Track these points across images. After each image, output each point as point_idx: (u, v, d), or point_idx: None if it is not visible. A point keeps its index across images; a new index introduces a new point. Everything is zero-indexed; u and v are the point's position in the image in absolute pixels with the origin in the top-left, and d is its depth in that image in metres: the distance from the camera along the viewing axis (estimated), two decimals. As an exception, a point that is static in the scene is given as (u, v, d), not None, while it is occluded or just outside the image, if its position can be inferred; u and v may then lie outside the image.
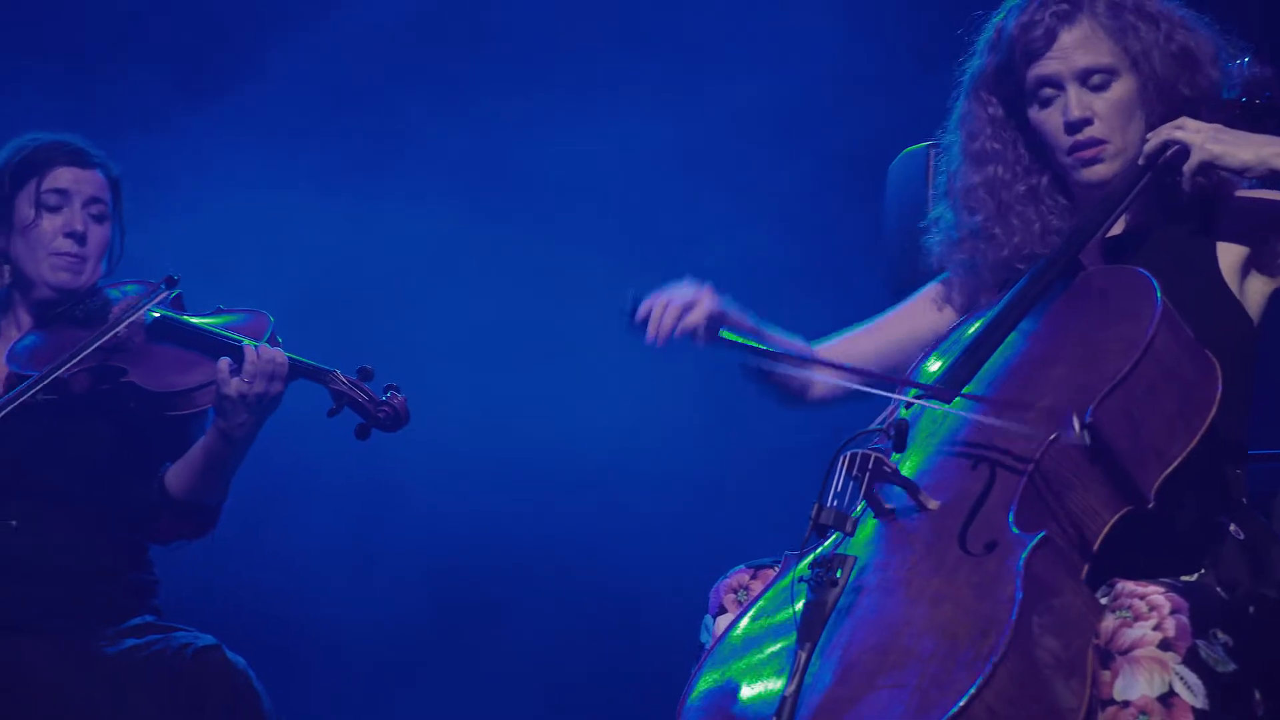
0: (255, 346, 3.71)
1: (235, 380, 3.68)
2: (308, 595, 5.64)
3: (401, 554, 5.72)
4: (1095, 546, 2.84)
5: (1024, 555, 2.72)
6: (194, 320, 3.87)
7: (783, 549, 3.24)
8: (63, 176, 3.92)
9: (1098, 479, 2.86)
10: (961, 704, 2.61)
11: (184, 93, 5.70)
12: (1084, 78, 3.24)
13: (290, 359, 3.74)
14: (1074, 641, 2.72)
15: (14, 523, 3.79)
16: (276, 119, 5.72)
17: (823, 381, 3.48)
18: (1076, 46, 3.25)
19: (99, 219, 3.94)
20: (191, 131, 5.59)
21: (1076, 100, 3.23)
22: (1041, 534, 2.76)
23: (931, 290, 3.54)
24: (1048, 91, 3.28)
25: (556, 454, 5.63)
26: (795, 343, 3.50)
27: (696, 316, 3.31)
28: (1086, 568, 2.83)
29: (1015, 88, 3.33)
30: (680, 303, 3.31)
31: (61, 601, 3.77)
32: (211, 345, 3.78)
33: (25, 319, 3.97)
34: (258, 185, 5.60)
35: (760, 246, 5.77)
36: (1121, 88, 3.25)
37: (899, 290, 3.68)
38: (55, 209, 3.90)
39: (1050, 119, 3.28)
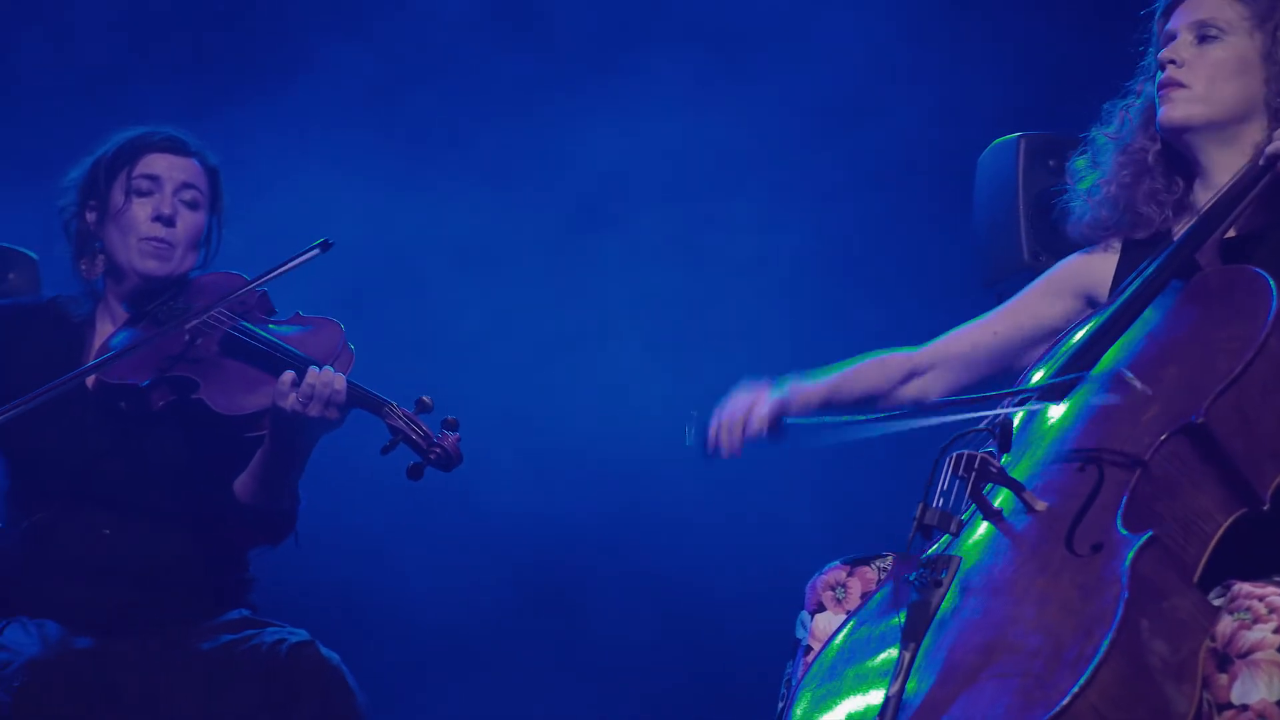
0: (318, 370, 3.68)
1: (293, 395, 3.66)
2: (396, 594, 5.66)
3: (489, 553, 5.74)
4: (1208, 549, 2.80)
5: (1130, 555, 2.69)
6: (266, 333, 3.83)
7: (879, 544, 3.22)
8: (156, 163, 3.90)
9: (1210, 480, 2.83)
10: (1065, 703, 2.59)
11: (233, 88, 5.73)
12: (1197, 29, 3.29)
13: (349, 385, 3.70)
14: (1184, 645, 2.68)
15: (106, 531, 3.79)
16: (325, 114, 5.74)
17: (932, 390, 3.47)
18: (1202, 4, 3.31)
19: (191, 205, 3.91)
20: (239, 126, 5.62)
21: (1175, 44, 3.29)
22: (1149, 534, 2.73)
23: (1044, 280, 3.53)
24: (1166, 45, 3.34)
25: (650, 448, 5.63)
26: (887, 360, 3.50)
27: (758, 424, 3.40)
28: (1199, 570, 2.79)
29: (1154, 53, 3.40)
30: (739, 417, 3.40)
31: (156, 605, 3.77)
32: (279, 364, 3.74)
33: (119, 312, 3.95)
34: (306, 179, 5.63)
35: (809, 240, 5.77)
36: (1226, 49, 3.26)
37: (988, 279, 3.66)
38: (146, 194, 3.88)
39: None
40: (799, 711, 2.92)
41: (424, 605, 5.66)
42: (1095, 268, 3.44)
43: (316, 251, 3.77)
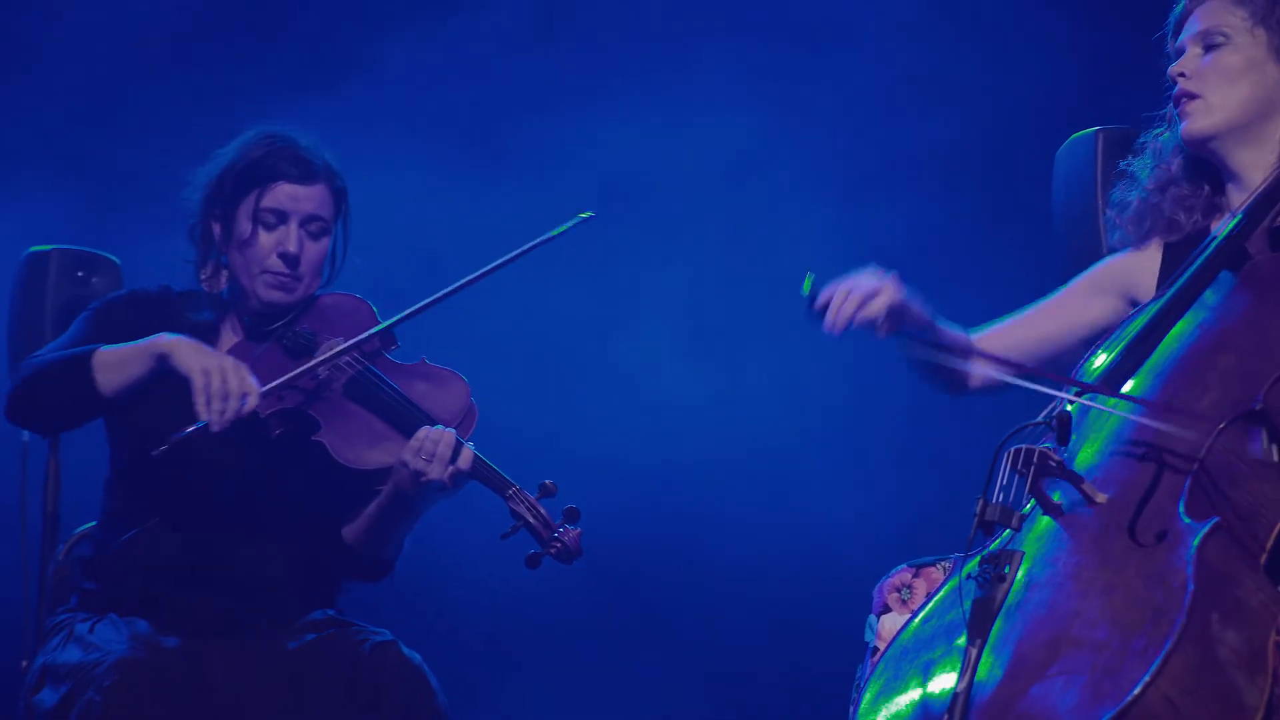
0: (452, 436, 3.66)
1: (417, 457, 3.66)
2: (475, 595, 5.67)
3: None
4: (1272, 537, 2.77)
5: (1195, 543, 2.67)
6: (394, 384, 3.80)
7: (945, 547, 3.21)
8: (282, 194, 3.82)
9: (1272, 468, 2.81)
10: (1136, 693, 2.56)
11: (297, 83, 5.74)
12: (1202, 40, 3.30)
13: (475, 460, 3.69)
14: (1255, 635, 2.63)
15: (205, 539, 3.79)
16: (375, 111, 5.76)
17: (981, 374, 3.44)
18: (1203, 15, 3.31)
19: (315, 236, 3.85)
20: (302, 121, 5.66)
21: (1183, 58, 3.30)
22: (1213, 521, 2.70)
23: (1085, 278, 3.50)
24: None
25: (718, 453, 5.63)
26: (957, 332, 3.47)
27: (878, 306, 3.24)
28: (1265, 558, 2.76)
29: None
30: (863, 292, 3.25)
31: (248, 611, 3.79)
32: (405, 419, 3.73)
33: (239, 325, 3.94)
34: (366, 176, 5.65)
35: (861, 236, 5.75)
36: (1233, 53, 3.26)
37: (1067, 274, 3.64)
38: (271, 227, 3.83)
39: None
40: (864, 709, 2.91)
41: (502, 605, 5.67)
42: (1137, 267, 3.41)
43: (580, 221, 3.78)
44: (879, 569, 3.31)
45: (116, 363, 3.65)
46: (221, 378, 3.56)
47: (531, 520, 3.67)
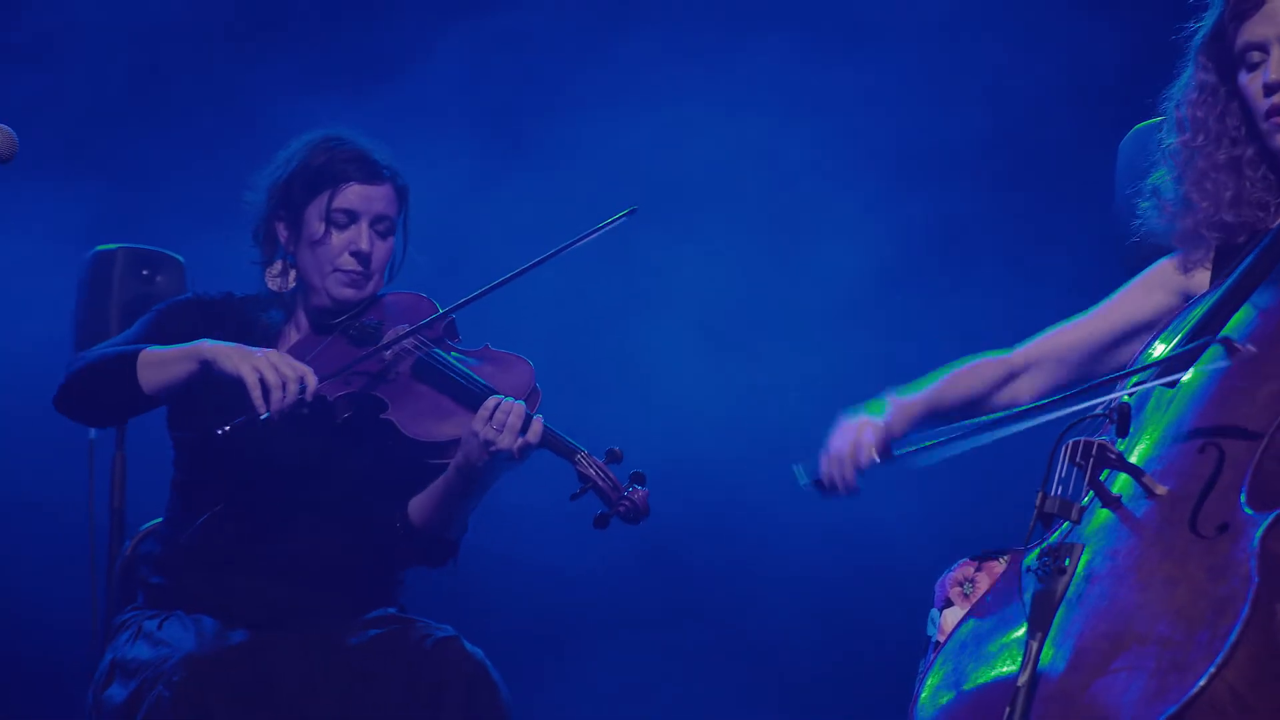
0: (522, 407, 3.69)
1: (487, 425, 3.68)
2: (537, 593, 5.71)
3: (625, 555, 5.75)
4: None
5: (1258, 534, 2.62)
6: (458, 362, 3.85)
7: (1006, 541, 3.19)
8: (352, 195, 3.89)
9: (1338, 456, 2.77)
10: (1201, 684, 2.53)
11: (349, 80, 5.80)
12: None
13: (544, 429, 3.72)
14: None
15: (273, 527, 3.83)
16: (440, 108, 5.78)
17: (1028, 392, 3.41)
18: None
19: (384, 235, 3.92)
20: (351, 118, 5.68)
21: (1278, 62, 3.13)
22: (1277, 512, 2.67)
23: (1139, 279, 3.44)
24: (1255, 55, 3.16)
25: (777, 447, 5.60)
26: (980, 365, 3.44)
27: (866, 454, 3.32)
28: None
29: (1228, 52, 3.21)
30: (845, 451, 3.32)
31: (312, 602, 3.82)
32: (472, 395, 3.76)
33: (304, 322, 3.99)
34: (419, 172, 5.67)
35: (913, 229, 5.73)
36: None
37: (1129, 266, 3.60)
38: (343, 227, 3.90)
39: (1253, 83, 3.15)
40: (923, 702, 2.89)
41: (557, 599, 5.71)
42: (1191, 264, 3.35)
43: (624, 216, 3.84)
44: (941, 563, 3.28)
45: (159, 363, 3.73)
46: (274, 370, 3.63)
47: (600, 482, 3.69)
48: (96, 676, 3.76)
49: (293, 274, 3.96)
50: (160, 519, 4.01)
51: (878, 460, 3.31)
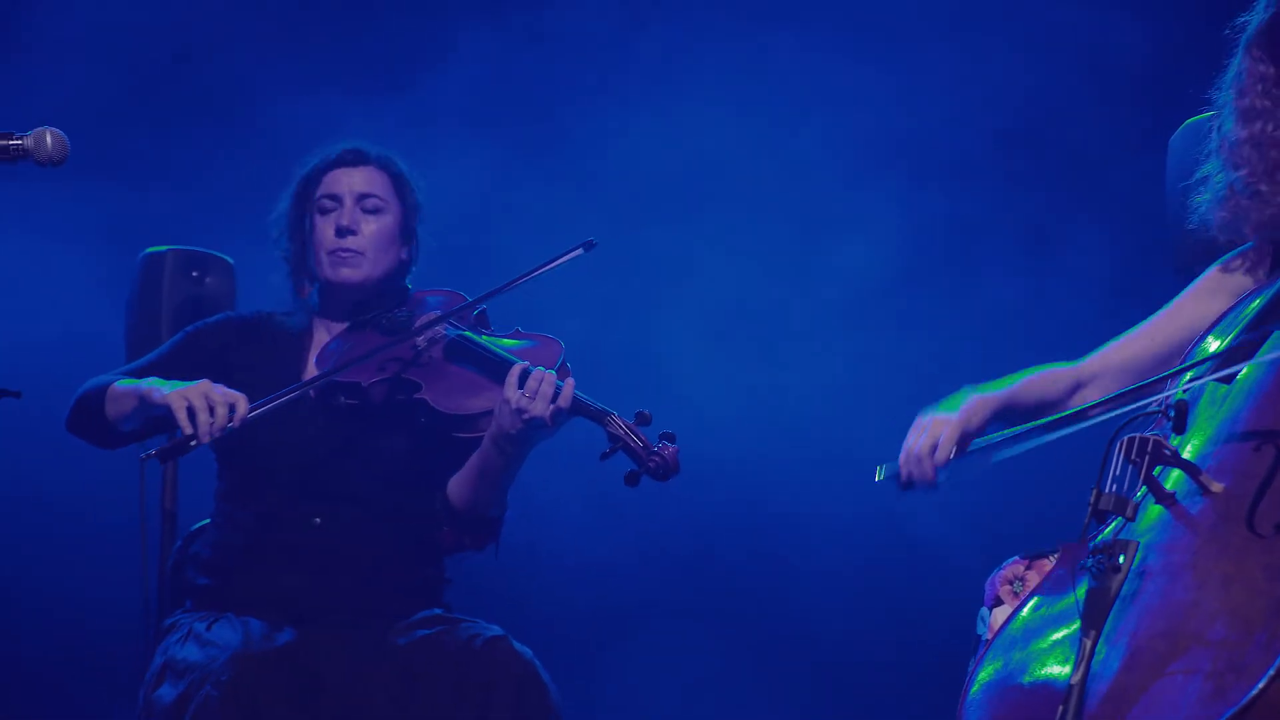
0: (553, 375, 3.71)
1: (518, 393, 3.70)
2: (584, 591, 5.69)
3: (672, 552, 5.74)
4: None
5: (1317, 535, 2.61)
6: (488, 342, 3.88)
7: (1057, 540, 3.16)
8: (335, 180, 3.98)
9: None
10: (1261, 686, 2.50)
11: (364, 87, 5.81)
12: None
13: (575, 396, 3.73)
14: None
15: (317, 520, 3.86)
16: (453, 113, 5.78)
17: (1092, 395, 3.38)
18: None
19: (373, 212, 3.96)
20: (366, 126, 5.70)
21: None
22: None
23: (1198, 285, 3.38)
24: None
25: (826, 445, 5.61)
26: (1052, 373, 3.41)
27: (945, 450, 3.30)
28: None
29: None
30: (926, 447, 3.31)
31: (358, 596, 3.83)
32: (502, 371, 3.77)
33: (334, 324, 4.03)
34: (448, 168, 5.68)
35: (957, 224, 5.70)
36: None
37: (1182, 263, 3.56)
38: (329, 211, 3.96)
39: None
40: (973, 696, 2.86)
41: (600, 597, 5.70)
42: (1248, 261, 3.32)
43: (580, 251, 3.84)
44: (991, 561, 3.26)
45: (117, 398, 3.83)
46: (202, 398, 3.66)
47: (630, 441, 3.69)
48: (147, 677, 3.77)
49: (307, 281, 4.05)
50: (207, 520, 4.01)
51: (955, 455, 3.29)
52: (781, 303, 5.80)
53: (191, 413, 3.64)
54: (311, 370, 3.93)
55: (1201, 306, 3.35)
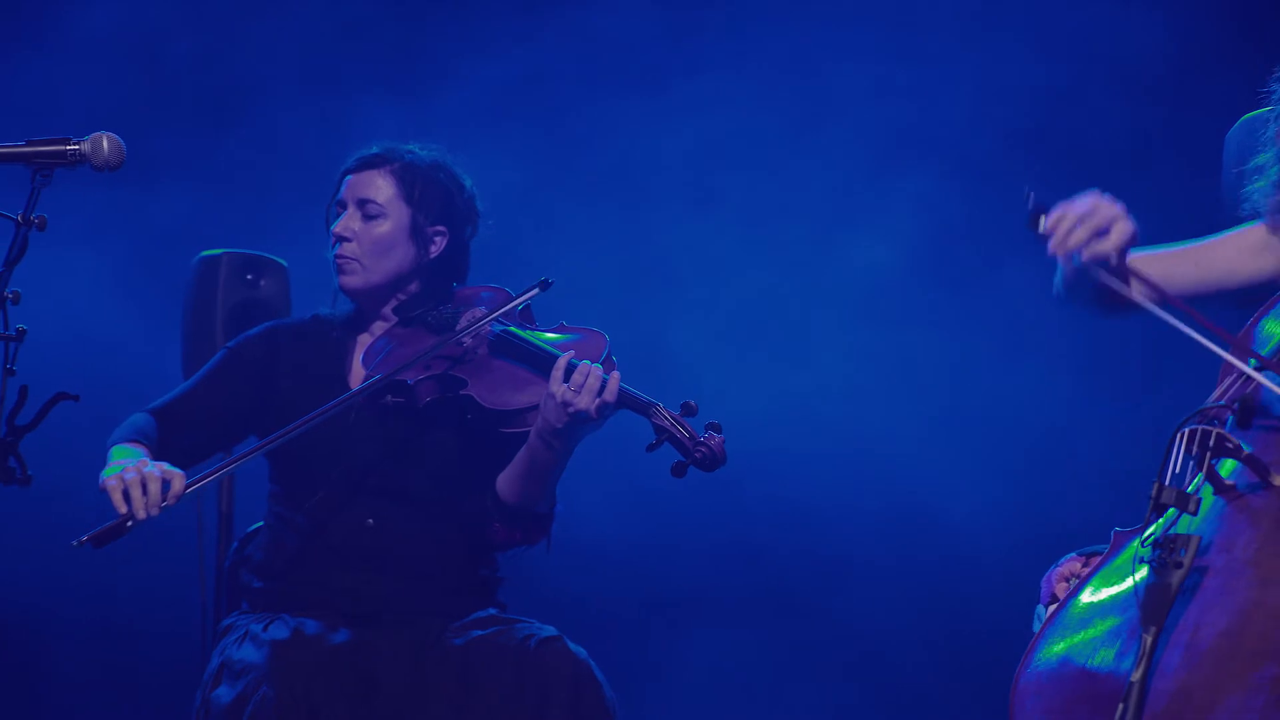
0: (599, 369, 3.70)
1: (563, 386, 3.68)
2: (634, 591, 5.69)
3: (728, 549, 5.73)
4: None
5: (1383, 530, 2.57)
6: (532, 337, 3.87)
7: (1099, 535, 3.13)
8: (344, 187, 3.97)
9: None
10: None
11: (385, 94, 5.82)
12: None
13: (620, 388, 3.72)
14: None
15: (370, 521, 3.86)
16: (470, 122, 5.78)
17: (1140, 302, 3.19)
18: None
19: (370, 217, 3.93)
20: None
21: None
22: None
23: (1252, 233, 3.25)
24: None
25: (882, 442, 5.59)
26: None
27: (1111, 244, 3.01)
28: None
29: None
30: (1096, 222, 3.00)
31: (413, 596, 3.82)
32: (547, 364, 3.76)
33: (378, 325, 4.01)
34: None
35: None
36: None
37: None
38: (336, 219, 3.96)
39: None
40: (1026, 682, 2.83)
41: (657, 599, 5.70)
42: None
43: (536, 291, 3.84)
44: (1046, 559, 3.23)
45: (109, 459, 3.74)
46: (136, 474, 3.57)
47: (676, 432, 3.67)
48: (205, 677, 3.77)
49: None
50: (261, 523, 4.02)
51: (1114, 258, 3.00)
52: (807, 298, 5.80)
53: (126, 494, 3.57)
54: (358, 370, 3.93)
55: (1242, 261, 3.19)
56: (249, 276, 4.73)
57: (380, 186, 3.94)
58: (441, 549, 3.87)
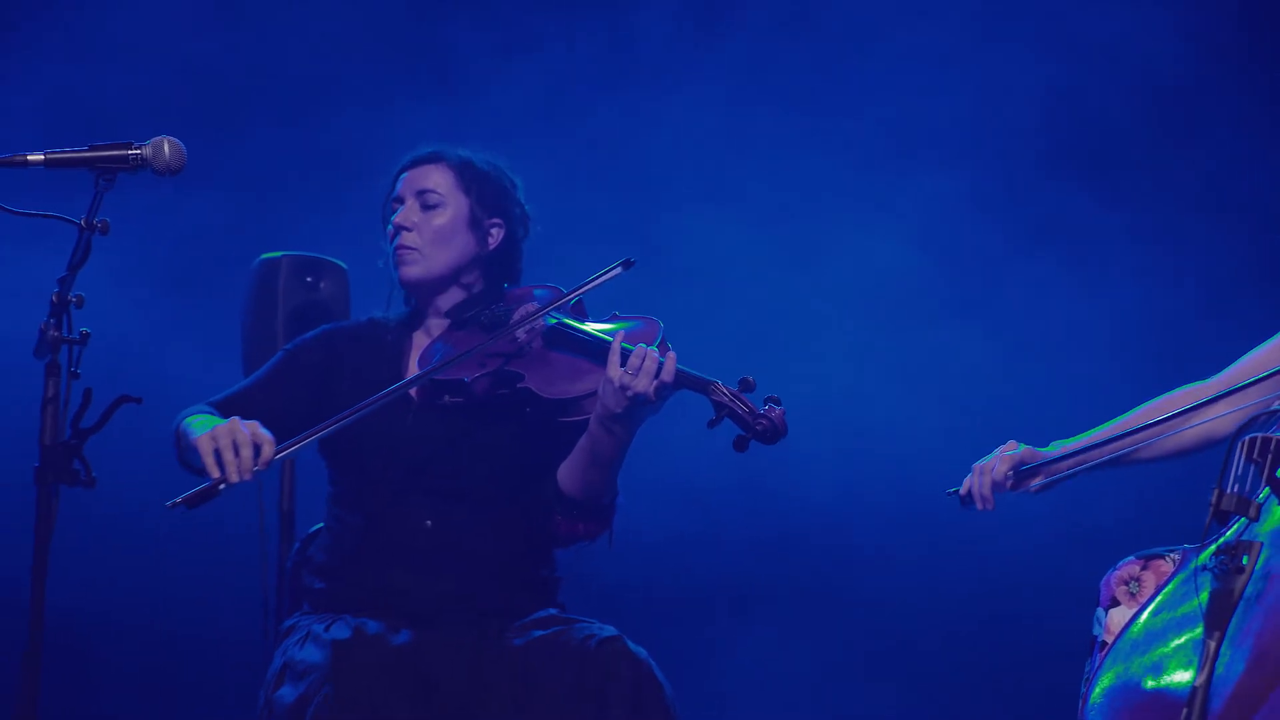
0: (654, 351, 3.70)
1: (620, 370, 3.68)
2: (692, 590, 5.69)
3: (778, 549, 5.73)
4: None
5: None
6: (587, 327, 3.88)
7: (1172, 539, 3.11)
8: (401, 183, 4.00)
9: None
10: None
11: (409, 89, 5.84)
12: None
13: (678, 369, 3.71)
14: None
15: (429, 522, 3.86)
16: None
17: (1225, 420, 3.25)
18: None
19: (431, 207, 3.96)
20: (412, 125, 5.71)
21: None
22: None
23: None
24: None
25: (937, 443, 5.57)
26: (1164, 401, 3.37)
27: (1001, 470, 3.47)
28: None
29: None
30: (983, 469, 3.51)
31: (472, 596, 3.82)
32: (603, 352, 3.76)
33: (434, 326, 4.02)
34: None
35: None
36: None
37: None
38: (394, 214, 3.98)
39: None
40: (1094, 701, 2.81)
41: (708, 596, 5.71)
42: None
43: (619, 269, 3.82)
44: (1105, 562, 3.21)
45: (178, 440, 3.78)
46: (229, 438, 3.58)
47: (736, 407, 3.67)
48: (268, 678, 3.78)
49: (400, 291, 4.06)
50: (321, 524, 4.03)
51: (1012, 480, 3.49)
52: (835, 294, 5.80)
53: (218, 455, 3.59)
54: (414, 371, 3.93)
55: None
56: (309, 279, 4.75)
57: (438, 178, 3.98)
58: (501, 549, 3.87)
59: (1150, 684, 2.76)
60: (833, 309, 5.81)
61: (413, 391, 3.87)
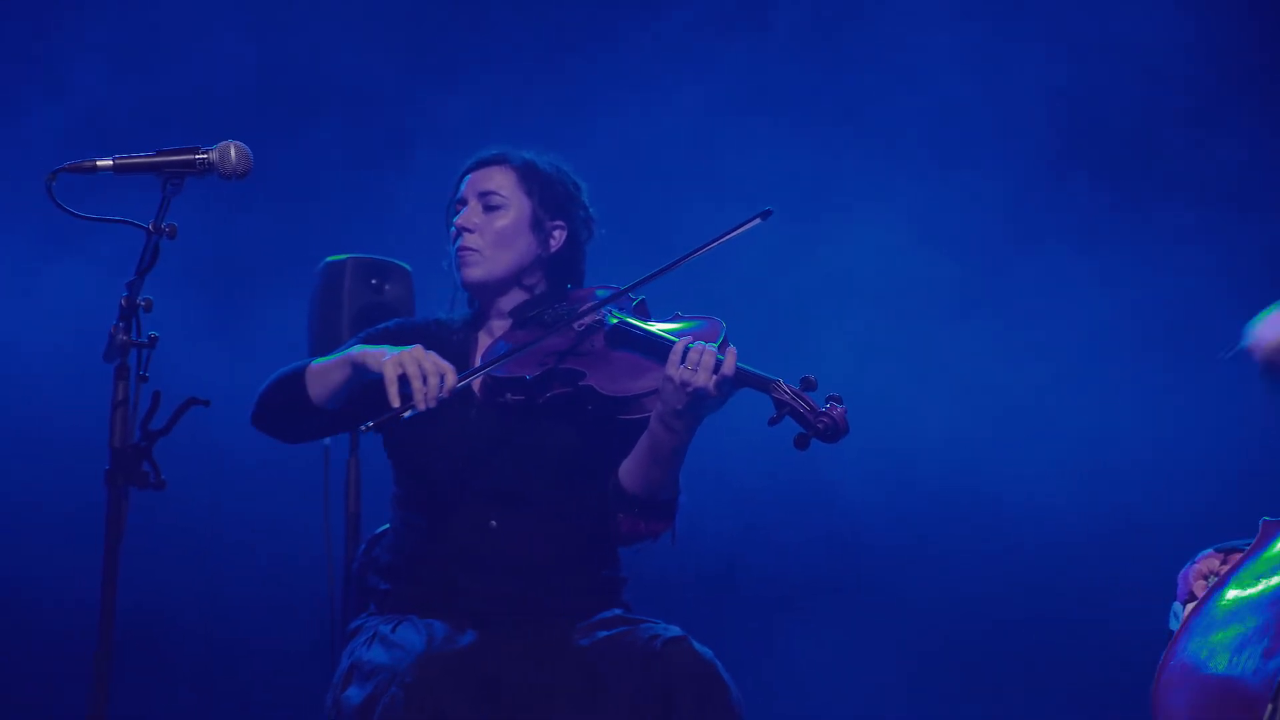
0: (712, 348, 3.68)
1: (681, 367, 3.66)
2: (752, 590, 5.69)
3: (843, 546, 5.70)
4: None
5: None
6: (648, 325, 3.86)
7: (1252, 533, 3.05)
8: (464, 185, 4.00)
9: None
10: None
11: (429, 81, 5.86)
12: None
13: (738, 366, 3.70)
14: None
15: (493, 522, 3.84)
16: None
17: None
18: None
19: (492, 208, 3.96)
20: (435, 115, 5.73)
21: None
22: None
23: None
24: None
25: (1013, 440, 5.54)
26: None
27: None
28: None
29: None
30: None
31: (538, 597, 3.81)
32: (665, 351, 3.76)
33: (496, 327, 4.02)
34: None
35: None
36: None
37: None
38: (457, 215, 3.98)
39: None
40: (1168, 678, 2.75)
41: (774, 594, 5.69)
42: None
43: (757, 220, 3.80)
44: (1183, 555, 3.15)
45: (321, 372, 3.80)
46: (415, 364, 3.64)
47: (797, 406, 3.64)
48: (335, 678, 3.78)
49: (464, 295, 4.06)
50: (387, 525, 4.03)
51: None
52: (858, 291, 5.80)
53: (405, 380, 3.63)
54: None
55: None
56: (373, 281, 4.76)
57: (501, 180, 3.98)
58: (565, 549, 3.86)
59: (1228, 662, 2.70)
60: (869, 304, 5.80)
61: (476, 389, 3.85)
